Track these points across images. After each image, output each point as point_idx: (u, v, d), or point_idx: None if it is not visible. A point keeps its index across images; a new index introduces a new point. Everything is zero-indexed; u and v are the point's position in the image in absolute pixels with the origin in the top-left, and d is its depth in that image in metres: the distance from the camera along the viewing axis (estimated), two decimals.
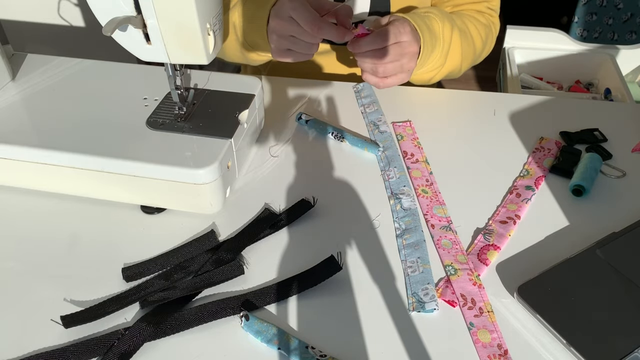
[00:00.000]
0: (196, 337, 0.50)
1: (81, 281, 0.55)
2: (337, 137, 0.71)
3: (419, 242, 0.57)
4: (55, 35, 1.60)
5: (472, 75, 2.24)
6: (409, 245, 0.57)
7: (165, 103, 0.66)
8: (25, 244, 0.59)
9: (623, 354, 0.47)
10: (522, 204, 0.62)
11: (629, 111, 0.78)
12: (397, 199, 0.62)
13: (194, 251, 0.57)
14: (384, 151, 0.69)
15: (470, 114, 0.77)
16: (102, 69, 0.73)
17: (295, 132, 0.73)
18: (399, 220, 0.60)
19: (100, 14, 0.54)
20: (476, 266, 0.56)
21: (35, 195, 0.64)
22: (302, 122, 0.74)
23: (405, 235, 0.58)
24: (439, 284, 0.54)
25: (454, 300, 0.52)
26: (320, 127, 0.73)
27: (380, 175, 0.66)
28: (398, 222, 0.60)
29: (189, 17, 0.53)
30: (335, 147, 0.71)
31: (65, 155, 0.59)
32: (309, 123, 0.73)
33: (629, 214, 0.61)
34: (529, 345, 0.49)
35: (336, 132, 0.71)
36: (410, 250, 0.56)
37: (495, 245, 0.58)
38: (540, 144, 0.71)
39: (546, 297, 0.51)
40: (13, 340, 0.50)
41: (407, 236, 0.58)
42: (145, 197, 0.61)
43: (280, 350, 0.48)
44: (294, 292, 0.53)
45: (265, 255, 0.57)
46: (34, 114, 0.65)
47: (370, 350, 0.49)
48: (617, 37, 1.91)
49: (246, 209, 0.62)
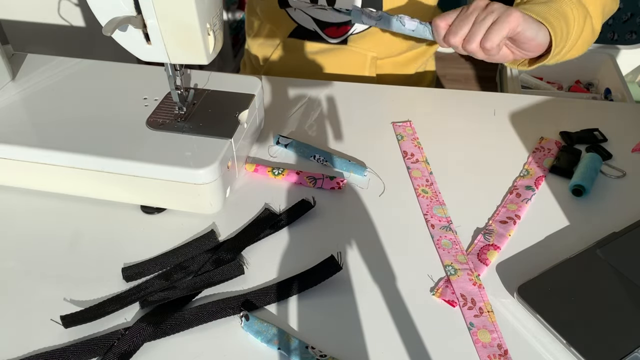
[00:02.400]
0: (196, 337, 0.50)
1: (81, 281, 0.55)
2: (320, 160, 0.68)
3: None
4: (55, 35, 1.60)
5: (472, 75, 2.24)
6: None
7: (165, 103, 0.66)
8: (25, 244, 0.59)
9: (623, 354, 0.47)
10: (522, 204, 0.62)
11: (629, 111, 0.78)
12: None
13: (194, 251, 0.57)
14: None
15: (470, 114, 0.77)
16: (102, 69, 0.73)
17: (294, 132, 0.74)
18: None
19: (100, 14, 0.54)
20: (476, 266, 0.56)
21: (35, 195, 0.64)
22: (281, 146, 0.70)
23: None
24: (439, 283, 0.54)
25: (454, 300, 0.52)
26: (301, 151, 0.69)
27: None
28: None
29: (189, 17, 0.53)
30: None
31: (65, 155, 0.59)
32: (288, 146, 0.70)
33: (629, 214, 0.61)
34: (529, 345, 0.49)
35: (319, 156, 0.67)
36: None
37: (495, 245, 0.58)
38: (540, 144, 0.71)
39: (546, 297, 0.51)
40: (13, 340, 0.50)
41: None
42: (145, 197, 0.61)
43: (280, 350, 0.48)
44: (294, 292, 0.53)
45: (265, 255, 0.57)
46: (34, 114, 0.65)
47: (370, 351, 0.49)
48: (617, 37, 1.91)
49: (246, 209, 0.62)
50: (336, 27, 0.88)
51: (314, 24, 0.88)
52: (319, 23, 0.88)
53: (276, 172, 0.66)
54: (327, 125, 0.75)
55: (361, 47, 0.89)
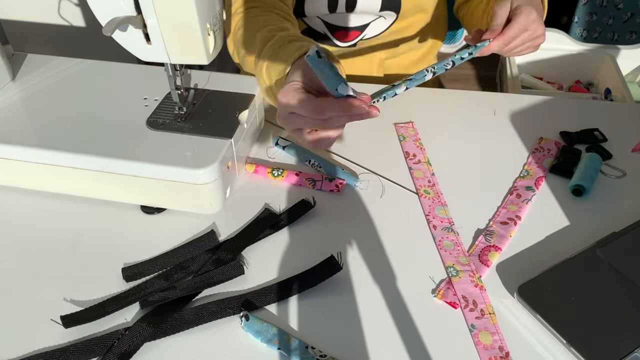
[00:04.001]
0: (196, 337, 0.50)
1: (81, 281, 0.55)
2: (315, 166, 0.67)
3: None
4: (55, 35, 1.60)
5: (472, 75, 2.24)
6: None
7: (165, 103, 0.66)
8: (25, 244, 0.59)
9: (623, 354, 0.47)
10: (522, 204, 0.62)
11: (629, 111, 0.78)
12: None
13: (194, 251, 0.57)
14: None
15: (470, 114, 0.77)
16: (102, 69, 0.73)
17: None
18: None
19: (100, 14, 0.54)
20: (477, 267, 0.56)
21: (35, 195, 0.64)
22: (280, 147, 0.70)
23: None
24: (441, 285, 0.54)
25: (455, 302, 0.52)
26: (299, 154, 0.69)
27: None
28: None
29: (189, 17, 0.53)
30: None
31: (65, 155, 0.59)
32: (287, 149, 0.70)
33: (629, 214, 0.61)
34: (529, 346, 0.49)
35: (314, 161, 0.67)
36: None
37: (496, 246, 0.58)
38: (540, 144, 0.71)
39: (546, 297, 0.51)
40: (13, 340, 0.50)
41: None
42: (145, 197, 0.61)
43: (280, 350, 0.48)
44: (294, 292, 0.53)
45: (265, 255, 0.57)
46: (34, 114, 0.65)
47: (370, 351, 0.49)
48: (617, 37, 1.91)
49: (246, 209, 0.62)
50: (346, 32, 0.87)
51: (324, 27, 0.88)
52: (329, 26, 0.88)
53: (276, 173, 0.66)
54: None
55: (370, 51, 0.89)
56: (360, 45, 0.89)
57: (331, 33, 0.88)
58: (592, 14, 1.90)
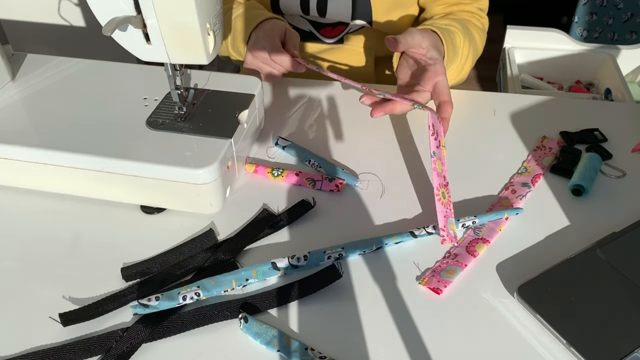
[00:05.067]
0: (195, 339, 0.50)
1: (81, 281, 0.55)
2: (315, 166, 0.67)
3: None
4: (55, 35, 1.60)
5: (472, 75, 2.24)
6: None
7: (165, 103, 0.66)
8: (25, 244, 0.59)
9: (623, 354, 0.47)
10: (516, 200, 0.62)
11: (629, 111, 0.78)
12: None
13: (192, 250, 0.57)
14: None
15: (470, 114, 0.77)
16: (102, 69, 0.73)
17: (294, 133, 0.73)
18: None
19: (100, 14, 0.54)
20: (464, 257, 0.56)
21: (35, 195, 0.64)
22: (280, 147, 0.70)
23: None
24: (426, 273, 0.54)
25: (439, 287, 0.53)
26: (299, 154, 0.69)
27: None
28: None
29: (189, 17, 0.53)
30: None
31: (65, 155, 0.59)
32: (286, 149, 0.70)
33: (629, 214, 0.61)
34: (529, 346, 0.49)
35: (314, 161, 0.67)
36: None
37: (484, 239, 0.58)
38: (542, 143, 0.71)
39: (546, 297, 0.51)
40: (13, 340, 0.50)
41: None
42: (145, 197, 0.61)
43: (279, 352, 0.48)
44: (294, 298, 0.53)
45: (265, 255, 0.57)
46: (34, 114, 0.65)
47: (370, 351, 0.49)
48: (617, 37, 1.91)
49: (246, 209, 0.62)
50: (331, 28, 0.88)
51: (309, 25, 0.88)
52: (313, 24, 0.88)
53: (276, 173, 0.66)
54: (327, 125, 0.75)
55: (358, 45, 0.89)
56: (348, 42, 0.89)
57: (317, 30, 0.89)
58: (592, 14, 1.91)
